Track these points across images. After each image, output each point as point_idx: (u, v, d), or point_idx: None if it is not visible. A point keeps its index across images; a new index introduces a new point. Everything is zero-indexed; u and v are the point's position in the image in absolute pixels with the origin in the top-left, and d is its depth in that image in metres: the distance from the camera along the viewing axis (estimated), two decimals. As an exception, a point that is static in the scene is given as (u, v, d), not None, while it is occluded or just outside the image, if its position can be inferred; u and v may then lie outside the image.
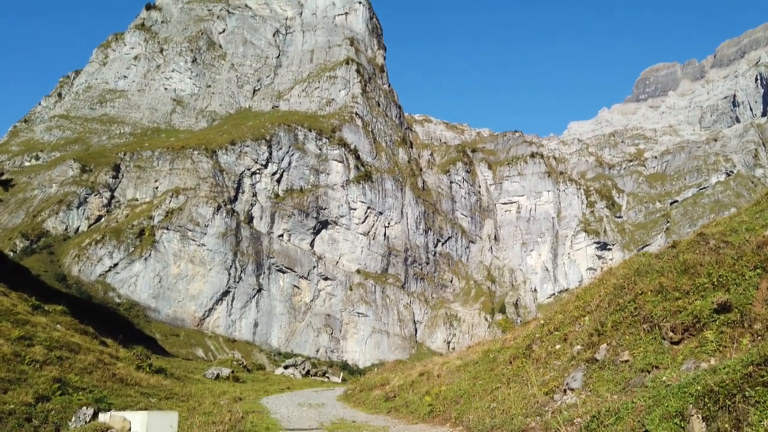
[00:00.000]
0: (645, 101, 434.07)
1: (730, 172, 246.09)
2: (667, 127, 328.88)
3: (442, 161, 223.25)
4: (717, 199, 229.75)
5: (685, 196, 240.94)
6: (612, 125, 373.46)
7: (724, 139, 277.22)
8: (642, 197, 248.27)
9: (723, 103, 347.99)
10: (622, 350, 9.92)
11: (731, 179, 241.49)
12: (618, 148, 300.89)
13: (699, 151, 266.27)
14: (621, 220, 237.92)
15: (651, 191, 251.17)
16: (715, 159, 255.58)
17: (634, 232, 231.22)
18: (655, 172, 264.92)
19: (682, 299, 9.61)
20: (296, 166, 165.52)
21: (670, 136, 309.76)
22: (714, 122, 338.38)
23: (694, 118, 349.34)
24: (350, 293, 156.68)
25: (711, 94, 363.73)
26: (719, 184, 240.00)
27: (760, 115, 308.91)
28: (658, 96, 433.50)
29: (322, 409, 22.08)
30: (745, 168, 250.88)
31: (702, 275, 9.82)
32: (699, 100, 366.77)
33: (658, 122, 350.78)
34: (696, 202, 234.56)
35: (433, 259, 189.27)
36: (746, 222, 12.53)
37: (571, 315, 14.33)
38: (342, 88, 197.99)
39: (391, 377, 27.37)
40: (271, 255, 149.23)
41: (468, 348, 27.12)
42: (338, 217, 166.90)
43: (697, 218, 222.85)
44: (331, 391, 35.71)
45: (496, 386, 14.20)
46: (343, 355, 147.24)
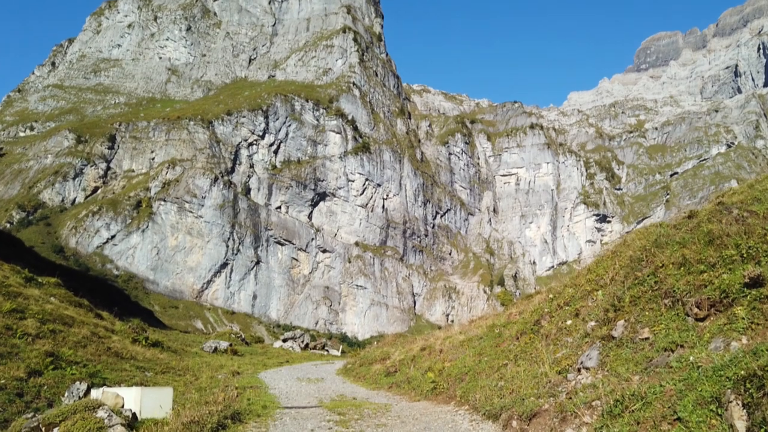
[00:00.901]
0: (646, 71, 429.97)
1: (731, 143, 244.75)
2: (668, 98, 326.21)
3: (440, 132, 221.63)
4: (717, 171, 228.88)
5: (686, 168, 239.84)
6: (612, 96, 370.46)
7: (725, 110, 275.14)
8: (642, 169, 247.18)
9: (725, 73, 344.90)
10: (641, 327, 9.32)
11: (732, 151, 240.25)
12: (618, 119, 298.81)
13: (700, 122, 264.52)
14: (620, 192, 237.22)
15: (651, 163, 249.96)
16: (716, 130, 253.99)
17: (634, 205, 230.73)
18: (656, 144, 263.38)
19: (708, 272, 8.99)
20: (293, 137, 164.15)
21: (671, 106, 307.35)
22: (715, 93, 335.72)
23: (695, 89, 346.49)
24: (349, 265, 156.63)
25: (713, 64, 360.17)
26: (720, 155, 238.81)
27: (762, 85, 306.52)
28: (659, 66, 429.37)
29: (322, 384, 21.66)
30: (746, 139, 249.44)
31: (729, 247, 9.19)
32: (700, 70, 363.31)
33: (659, 93, 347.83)
34: (696, 173, 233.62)
35: (431, 232, 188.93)
36: (762, 190, 11.74)
37: (583, 289, 13.58)
38: (339, 58, 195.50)
39: (391, 351, 26.89)
40: (269, 227, 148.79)
41: (470, 322, 26.15)
42: (336, 189, 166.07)
43: (697, 190, 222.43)
44: (331, 364, 34.93)
45: (503, 363, 13.68)
46: (342, 327, 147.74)
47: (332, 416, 12.53)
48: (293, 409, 13.89)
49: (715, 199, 15.84)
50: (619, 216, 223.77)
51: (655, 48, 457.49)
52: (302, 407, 14.35)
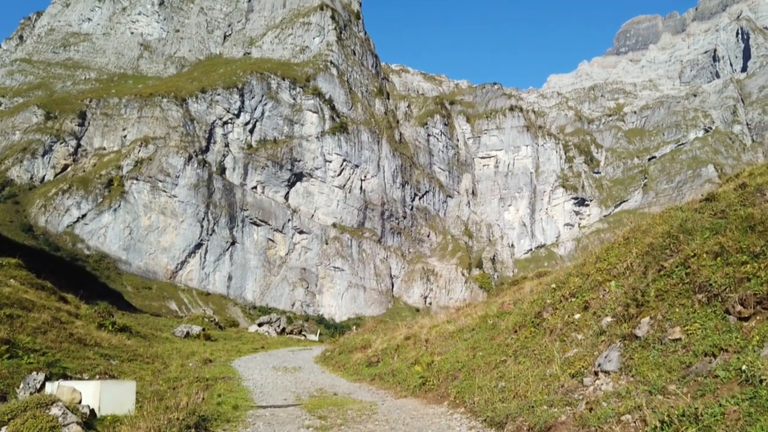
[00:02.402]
0: (625, 54, 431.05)
1: (708, 128, 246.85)
2: (647, 82, 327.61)
3: (419, 113, 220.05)
4: (695, 155, 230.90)
5: (663, 152, 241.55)
6: (592, 79, 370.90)
7: (703, 95, 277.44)
8: (620, 153, 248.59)
9: (703, 57, 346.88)
10: (670, 326, 8.16)
11: (709, 135, 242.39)
12: (597, 102, 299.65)
13: (678, 107, 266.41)
14: (599, 175, 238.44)
15: (629, 147, 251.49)
16: (694, 115, 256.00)
17: (612, 188, 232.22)
18: (634, 128, 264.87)
19: (751, 264, 7.80)
20: (270, 116, 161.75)
21: (650, 90, 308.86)
22: (694, 77, 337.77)
23: (674, 73, 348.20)
24: (326, 247, 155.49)
25: (691, 48, 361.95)
26: (697, 140, 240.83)
27: (740, 70, 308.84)
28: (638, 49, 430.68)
29: (299, 375, 20.61)
30: (723, 124, 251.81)
31: None
32: (679, 54, 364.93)
33: (638, 76, 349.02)
34: (674, 158, 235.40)
35: (410, 214, 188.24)
36: None
37: (593, 279, 12.30)
38: (316, 35, 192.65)
39: (372, 339, 26.10)
40: (245, 207, 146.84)
41: (458, 310, 25.14)
42: (313, 169, 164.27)
43: (674, 174, 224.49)
44: (308, 351, 34.06)
45: (501, 359, 12.59)
46: (319, 309, 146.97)
47: (312, 421, 11.31)
48: (268, 410, 12.60)
49: (726, 180, 14.67)
50: (597, 200, 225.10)
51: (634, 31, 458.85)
52: (278, 406, 13.11)
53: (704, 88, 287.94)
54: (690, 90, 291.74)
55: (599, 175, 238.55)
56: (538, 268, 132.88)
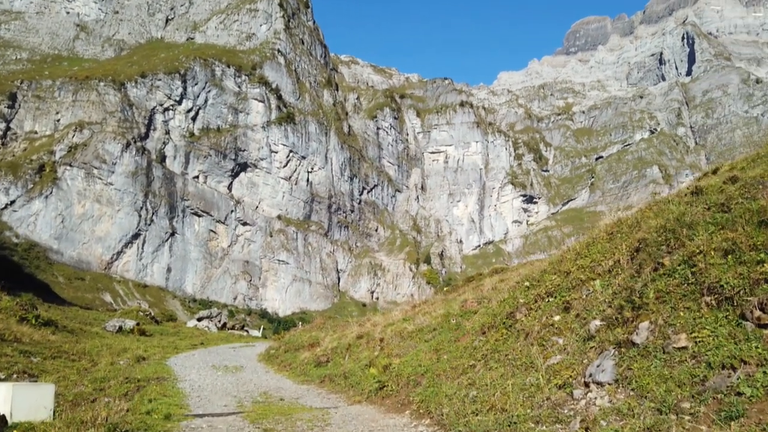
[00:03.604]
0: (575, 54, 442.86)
1: (653, 129, 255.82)
2: (596, 82, 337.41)
3: (369, 106, 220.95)
4: (640, 156, 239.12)
5: (610, 152, 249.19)
6: (542, 77, 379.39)
7: (649, 97, 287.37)
8: (569, 151, 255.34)
9: (650, 60, 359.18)
10: (674, 332, 7.46)
11: (654, 137, 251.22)
12: (547, 100, 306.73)
13: (625, 108, 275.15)
14: (547, 173, 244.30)
15: (578, 146, 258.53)
16: (641, 116, 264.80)
17: (560, 186, 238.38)
18: (583, 127, 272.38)
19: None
20: (213, 104, 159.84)
21: (598, 91, 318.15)
22: (641, 79, 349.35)
23: (621, 74, 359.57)
24: (270, 240, 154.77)
25: (639, 50, 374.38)
26: (643, 141, 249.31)
27: (685, 74, 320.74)
28: (587, 50, 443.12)
29: (241, 375, 19.47)
30: (668, 126, 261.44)
31: None
32: (627, 56, 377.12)
33: (587, 76, 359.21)
34: (620, 158, 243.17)
35: (358, 207, 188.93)
36: None
37: (574, 277, 11.49)
38: (263, 23, 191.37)
39: (321, 337, 25.37)
40: (186, 197, 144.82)
41: (413, 307, 24.05)
42: (258, 159, 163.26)
43: (620, 174, 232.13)
44: (251, 347, 33.13)
45: (469, 364, 11.66)
46: (262, 303, 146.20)
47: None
48: (205, 420, 11.42)
49: (705, 174, 14.55)
50: (545, 197, 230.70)
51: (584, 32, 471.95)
52: (217, 415, 11.95)
53: (650, 91, 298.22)
54: (637, 92, 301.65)
55: (548, 173, 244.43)
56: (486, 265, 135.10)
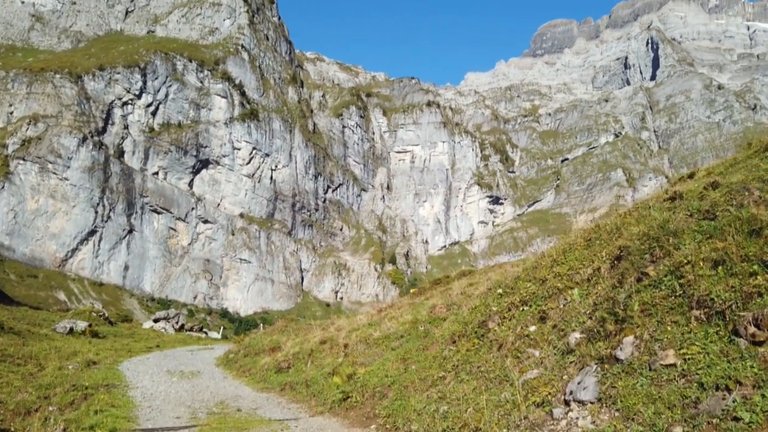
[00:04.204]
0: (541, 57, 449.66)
1: (618, 133, 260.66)
2: (562, 85, 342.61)
3: (334, 104, 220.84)
4: (605, 159, 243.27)
5: (576, 155, 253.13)
6: (509, 79, 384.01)
7: (614, 101, 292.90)
8: (535, 153, 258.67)
9: (615, 64, 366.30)
10: (662, 348, 7.09)
11: (619, 140, 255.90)
12: (514, 102, 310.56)
13: (591, 111, 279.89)
14: (513, 175, 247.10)
15: (543, 148, 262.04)
16: (606, 119, 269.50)
17: (526, 188, 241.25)
18: (549, 129, 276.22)
19: (762, 275, 6.84)
20: (174, 99, 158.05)
21: (564, 93, 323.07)
22: (606, 83, 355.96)
23: (587, 78, 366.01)
24: (232, 238, 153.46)
25: (604, 54, 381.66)
26: (608, 144, 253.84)
27: (650, 78, 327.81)
28: (554, 52, 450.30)
29: (198, 381, 18.78)
30: (632, 130, 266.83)
31: None
32: (593, 59, 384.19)
33: (554, 79, 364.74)
34: (585, 160, 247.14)
35: (322, 206, 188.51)
36: (766, 169, 9.88)
37: (551, 285, 11.03)
38: (227, 17, 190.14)
39: (282, 341, 24.75)
40: (145, 194, 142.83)
41: (379, 311, 23.58)
42: (220, 156, 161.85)
43: (585, 177, 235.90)
44: (210, 350, 32.08)
45: (439, 375, 11.25)
46: (223, 302, 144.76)
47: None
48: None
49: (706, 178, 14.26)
50: (511, 198, 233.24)
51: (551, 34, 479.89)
52: (167, 429, 11.38)
53: (615, 94, 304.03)
54: (602, 95, 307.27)
55: (514, 174, 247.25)
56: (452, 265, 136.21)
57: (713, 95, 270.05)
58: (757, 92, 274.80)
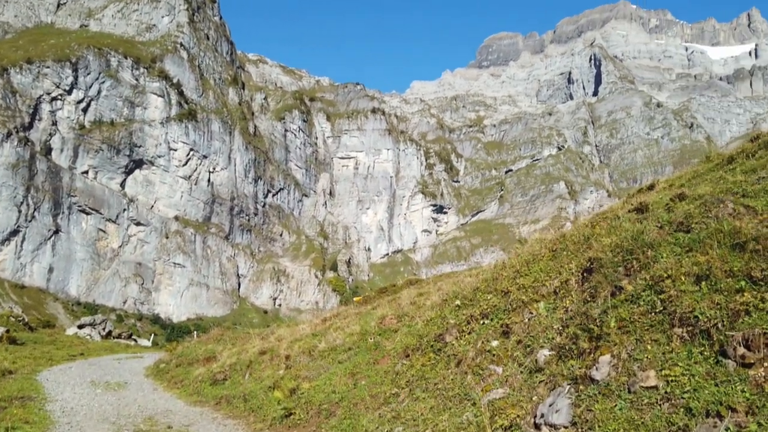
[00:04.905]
0: (487, 68, 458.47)
1: (561, 146, 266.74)
2: (507, 97, 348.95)
3: (276, 107, 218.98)
4: (548, 172, 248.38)
5: (519, 166, 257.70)
6: (455, 89, 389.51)
7: (558, 114, 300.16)
8: (479, 163, 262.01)
9: (559, 79, 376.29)
10: (641, 369, 6.67)
11: (562, 153, 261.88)
12: (459, 112, 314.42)
13: (535, 124, 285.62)
14: (458, 184, 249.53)
15: (488, 158, 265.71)
16: (549, 132, 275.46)
17: (470, 198, 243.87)
18: (493, 140, 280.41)
19: (749, 292, 6.48)
20: (107, 96, 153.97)
21: (509, 105, 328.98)
22: (550, 96, 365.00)
23: (531, 91, 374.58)
24: (166, 241, 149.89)
25: (549, 68, 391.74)
26: (551, 157, 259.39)
27: (592, 94, 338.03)
28: (499, 65, 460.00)
29: (124, 394, 17.61)
30: (574, 144, 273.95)
31: None
32: (537, 73, 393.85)
33: (499, 91, 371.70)
34: (529, 172, 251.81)
35: (262, 211, 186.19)
36: (734, 182, 9.73)
37: (514, 298, 10.45)
38: (165, 14, 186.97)
39: (218, 350, 23.99)
40: (73, 193, 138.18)
41: (324, 320, 22.67)
42: (156, 156, 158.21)
43: (528, 188, 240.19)
44: (139, 359, 30.87)
45: (392, 392, 10.64)
46: (154, 307, 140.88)
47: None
48: None
49: (649, 188, 14.18)
50: (455, 208, 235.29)
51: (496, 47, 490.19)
52: None
53: (559, 108, 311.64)
54: (546, 109, 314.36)
55: (458, 183, 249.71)
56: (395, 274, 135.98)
57: (652, 113, 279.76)
58: (694, 111, 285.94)
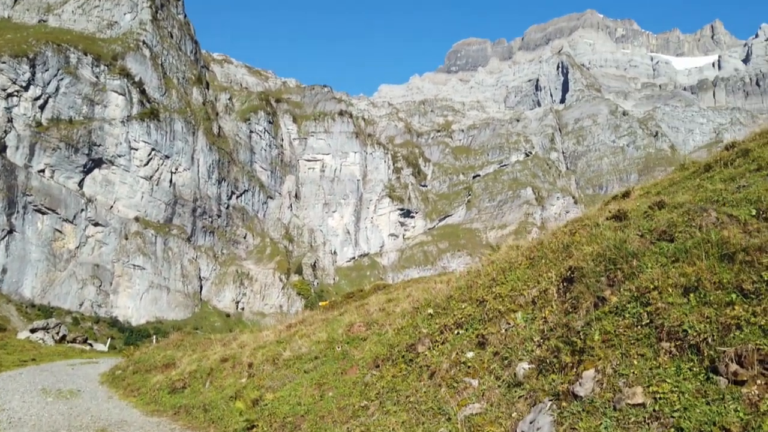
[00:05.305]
0: (456, 74, 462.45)
1: (528, 152, 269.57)
2: (475, 102, 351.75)
3: (242, 108, 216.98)
4: (515, 177, 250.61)
5: (487, 172, 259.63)
6: (423, 93, 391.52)
7: (525, 121, 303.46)
8: (447, 168, 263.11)
9: (527, 85, 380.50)
10: (627, 385, 6.37)
11: (529, 159, 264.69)
12: (427, 116, 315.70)
13: (503, 130, 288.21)
14: (425, 188, 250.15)
15: (456, 163, 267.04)
16: (517, 138, 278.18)
17: (437, 202, 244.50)
18: (461, 145, 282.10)
19: (740, 305, 6.26)
20: (66, 93, 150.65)
21: (477, 111, 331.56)
22: (518, 103, 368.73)
23: (500, 97, 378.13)
24: (125, 242, 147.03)
25: (517, 75, 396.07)
26: (518, 162, 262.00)
27: (559, 101, 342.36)
28: (468, 70, 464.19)
29: (77, 402, 16.67)
30: (542, 150, 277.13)
31: (765, 266, 6.51)
32: (506, 79, 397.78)
33: (467, 96, 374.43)
34: (496, 178, 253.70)
35: (225, 212, 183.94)
36: (714, 190, 9.48)
37: (490, 308, 10.05)
38: (128, 12, 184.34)
39: (178, 356, 23.24)
40: (28, 192, 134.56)
41: (288, 327, 22.00)
42: (116, 156, 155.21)
43: (496, 194, 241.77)
44: (94, 365, 29.71)
45: (361, 405, 10.19)
46: (112, 310, 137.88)
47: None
48: None
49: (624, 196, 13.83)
50: (422, 212, 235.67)
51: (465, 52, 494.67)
52: None
53: (527, 115, 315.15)
54: (514, 115, 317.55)
55: (426, 188, 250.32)
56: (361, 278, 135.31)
57: (618, 121, 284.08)
58: (658, 120, 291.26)
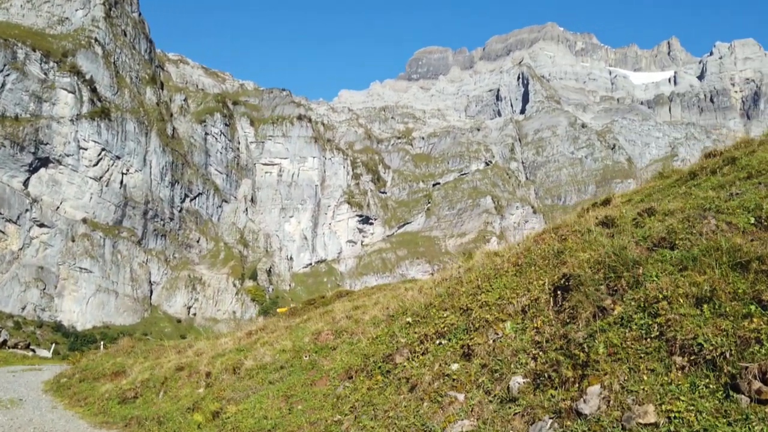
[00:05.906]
0: (417, 81, 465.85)
1: (488, 161, 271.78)
2: (436, 110, 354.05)
3: (197, 109, 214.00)
4: (475, 186, 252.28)
5: (447, 180, 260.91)
6: (384, 100, 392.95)
7: (486, 130, 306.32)
8: (407, 175, 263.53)
9: (488, 95, 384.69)
10: (637, 402, 5.89)
11: (489, 168, 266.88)
12: (388, 123, 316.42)
13: (463, 138, 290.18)
14: (385, 195, 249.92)
15: (416, 170, 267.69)
16: (477, 147, 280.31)
17: (397, 209, 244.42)
18: (421, 153, 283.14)
19: (759, 318, 5.88)
20: (12, 90, 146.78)
21: (438, 119, 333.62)
22: (478, 112, 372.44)
23: (460, 106, 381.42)
24: (72, 245, 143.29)
25: (478, 85, 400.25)
26: (478, 171, 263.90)
27: (519, 112, 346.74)
28: (429, 78, 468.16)
29: (18, 413, 15.69)
30: (502, 159, 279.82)
31: None
32: (467, 89, 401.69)
33: (428, 104, 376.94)
34: (456, 186, 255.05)
35: (178, 216, 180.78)
36: (705, 198, 9.15)
37: (476, 317, 9.48)
38: (80, 8, 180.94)
39: (129, 364, 22.07)
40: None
41: (249, 334, 21.00)
42: (63, 155, 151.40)
43: (456, 202, 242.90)
44: (37, 372, 28.44)
45: (334, 419, 9.54)
46: (57, 314, 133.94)
47: None
48: None
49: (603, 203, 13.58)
50: (381, 219, 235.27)
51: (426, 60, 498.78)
52: None
53: (487, 124, 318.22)
54: (474, 124, 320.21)
55: (385, 195, 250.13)
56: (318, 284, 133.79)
57: (577, 133, 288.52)
58: (616, 133, 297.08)
